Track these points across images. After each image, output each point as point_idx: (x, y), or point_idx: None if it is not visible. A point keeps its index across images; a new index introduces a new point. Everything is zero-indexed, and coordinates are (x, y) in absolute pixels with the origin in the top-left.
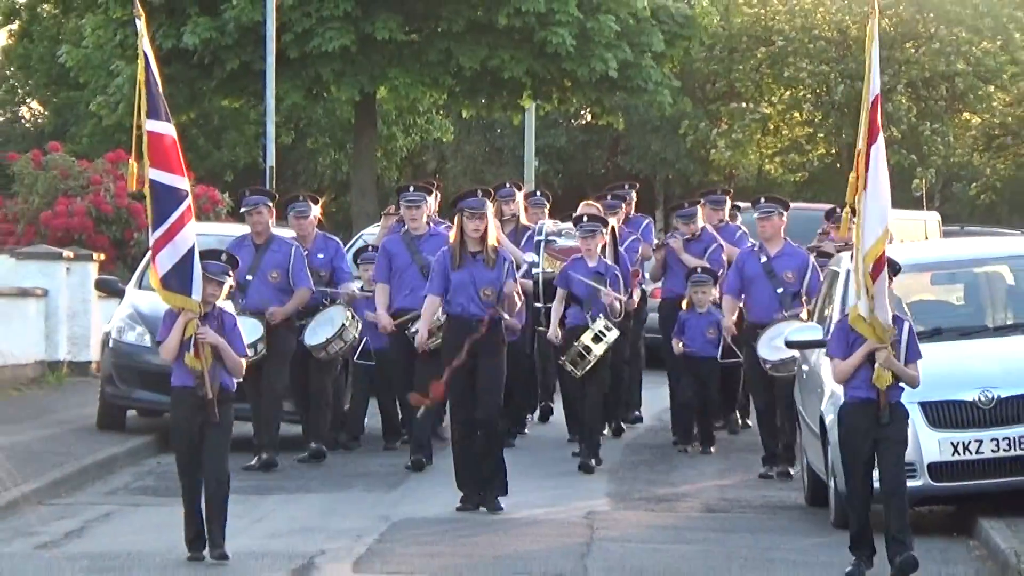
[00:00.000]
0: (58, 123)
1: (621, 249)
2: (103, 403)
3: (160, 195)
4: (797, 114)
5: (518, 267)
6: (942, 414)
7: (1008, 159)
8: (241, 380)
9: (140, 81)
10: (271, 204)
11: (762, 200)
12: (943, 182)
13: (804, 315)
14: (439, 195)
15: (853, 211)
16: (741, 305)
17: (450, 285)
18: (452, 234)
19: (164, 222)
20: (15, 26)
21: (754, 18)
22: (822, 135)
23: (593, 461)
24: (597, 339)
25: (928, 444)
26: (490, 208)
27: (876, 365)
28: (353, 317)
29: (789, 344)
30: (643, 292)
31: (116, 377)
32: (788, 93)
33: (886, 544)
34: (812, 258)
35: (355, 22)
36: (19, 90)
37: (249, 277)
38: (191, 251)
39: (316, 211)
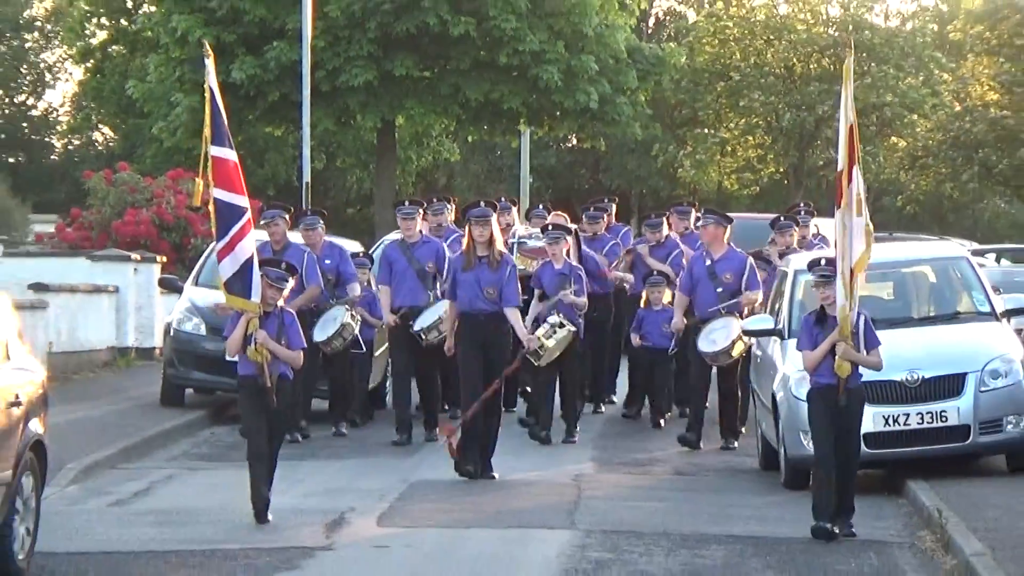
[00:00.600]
0: (126, 146)
1: (590, 251)
2: (165, 383)
3: (223, 212)
4: (751, 138)
5: None
6: (875, 392)
7: (929, 177)
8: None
9: (207, 112)
10: (287, 216)
11: (703, 212)
12: (875, 196)
13: (743, 300)
14: (455, 208)
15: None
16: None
17: (458, 287)
18: (464, 240)
19: (226, 234)
20: (90, 64)
21: (714, 56)
22: (772, 156)
23: (566, 435)
24: (549, 335)
25: (864, 417)
26: (494, 217)
27: (837, 356)
28: (353, 316)
29: (746, 332)
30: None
31: (176, 361)
32: (743, 120)
33: (838, 507)
34: (750, 260)
35: (377, 61)
36: (93, 118)
37: None
38: (250, 260)
39: (322, 224)
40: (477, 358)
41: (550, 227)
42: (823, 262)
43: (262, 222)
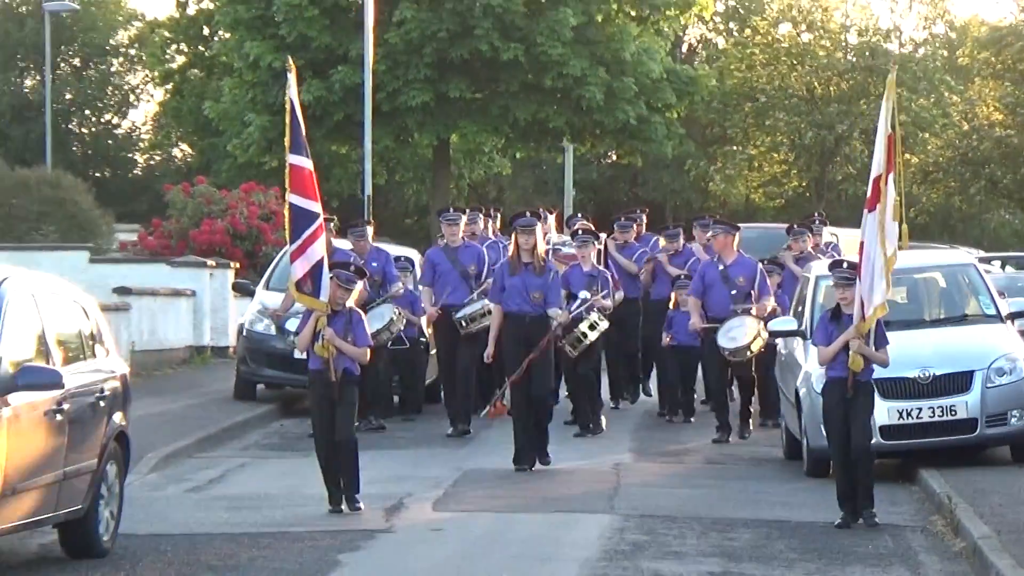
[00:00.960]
0: (203, 161)
1: (619, 256)
2: (238, 379)
3: (297, 216)
4: (775, 155)
5: None
6: (890, 388)
7: (939, 190)
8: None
9: (287, 123)
10: (333, 228)
11: (713, 223)
12: None
13: (755, 311)
14: (499, 217)
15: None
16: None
17: (506, 290)
18: (511, 247)
19: (299, 237)
20: (170, 86)
21: (742, 80)
22: (795, 171)
23: (591, 426)
24: (592, 327)
25: (879, 411)
26: (539, 226)
27: (851, 351)
28: (399, 313)
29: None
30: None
31: (248, 358)
32: (768, 138)
33: (858, 498)
34: (760, 266)
35: (433, 84)
36: (172, 135)
37: None
38: (320, 262)
39: (370, 231)
40: (521, 356)
41: (579, 232)
42: (845, 265)
43: (349, 237)
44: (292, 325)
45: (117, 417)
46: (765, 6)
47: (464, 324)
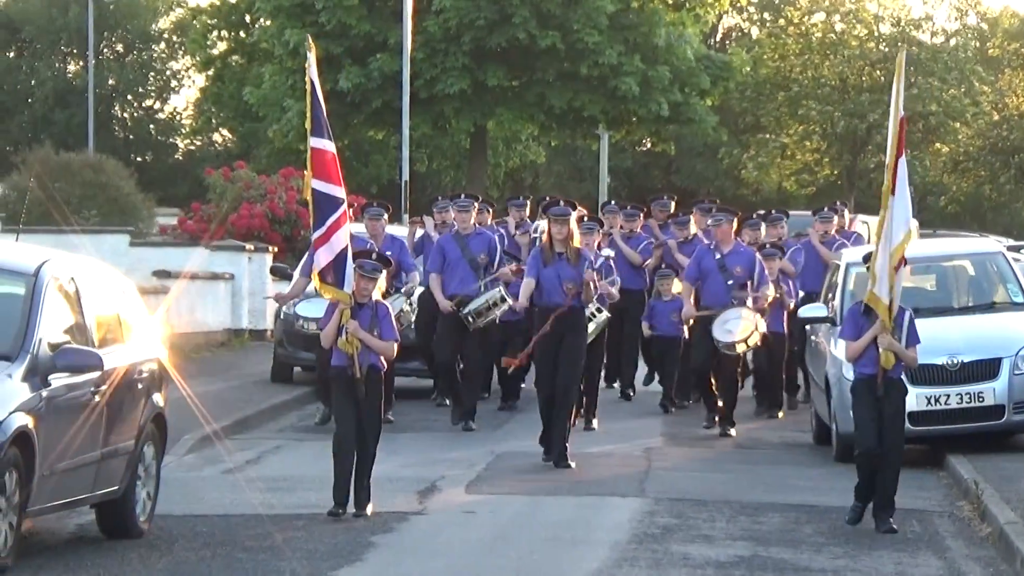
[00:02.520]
0: (243, 146)
1: (623, 245)
2: (275, 361)
3: (320, 202)
4: (808, 143)
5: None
6: (919, 374)
7: (969, 179)
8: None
9: (308, 104)
10: (386, 217)
11: (714, 209)
12: (920, 197)
13: (750, 302)
14: (529, 205)
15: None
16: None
17: (540, 281)
18: (543, 236)
19: (323, 225)
20: (211, 72)
21: (775, 69)
22: (827, 160)
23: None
24: (591, 317)
25: (908, 397)
26: (573, 215)
27: (880, 348)
28: (411, 304)
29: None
30: None
31: (285, 341)
32: (801, 127)
33: (875, 501)
34: (758, 255)
35: (471, 71)
36: (213, 121)
37: None
38: (345, 251)
39: (386, 216)
40: (552, 349)
41: (584, 218)
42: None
43: (366, 218)
44: (303, 309)
45: (155, 399)
46: None
47: (472, 320)
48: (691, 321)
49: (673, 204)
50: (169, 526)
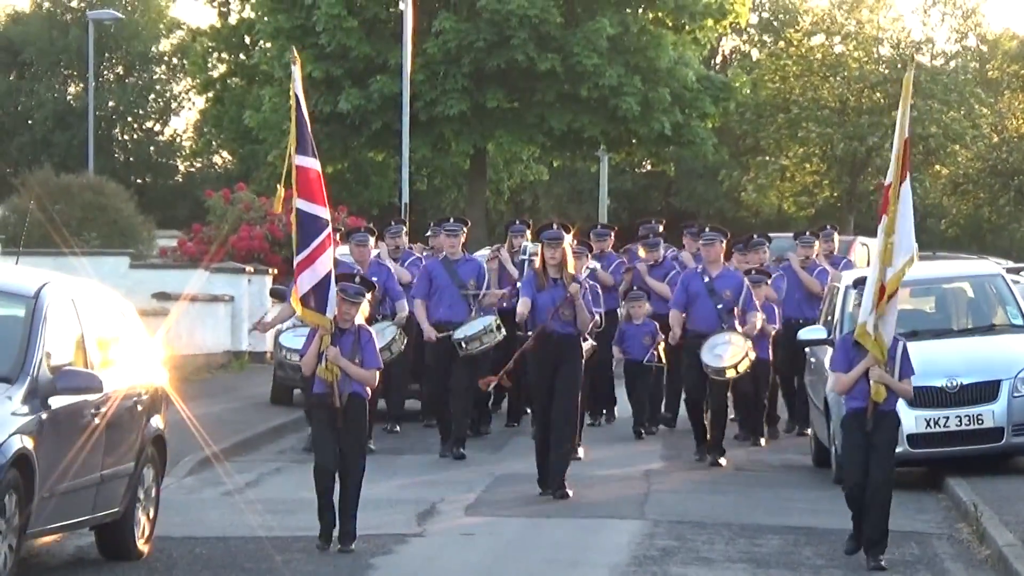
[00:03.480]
0: (243, 168)
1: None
2: (275, 384)
3: (304, 223)
4: (808, 165)
5: None
6: (918, 396)
7: (969, 201)
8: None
9: (292, 120)
10: (372, 242)
11: (707, 230)
12: (920, 218)
13: (738, 327)
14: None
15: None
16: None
17: (533, 307)
18: (537, 261)
19: (307, 247)
20: (211, 94)
21: (776, 91)
22: (827, 182)
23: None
24: None
25: (907, 419)
26: (567, 239)
27: (871, 380)
28: (401, 332)
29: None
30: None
31: (285, 364)
32: (801, 149)
33: (864, 537)
34: (746, 280)
35: (470, 93)
36: (213, 143)
37: None
38: (328, 274)
39: (372, 241)
40: (547, 377)
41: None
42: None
43: (352, 243)
44: (287, 340)
45: (155, 421)
46: (799, 18)
47: (463, 346)
48: (669, 346)
49: (661, 227)
50: (168, 548)
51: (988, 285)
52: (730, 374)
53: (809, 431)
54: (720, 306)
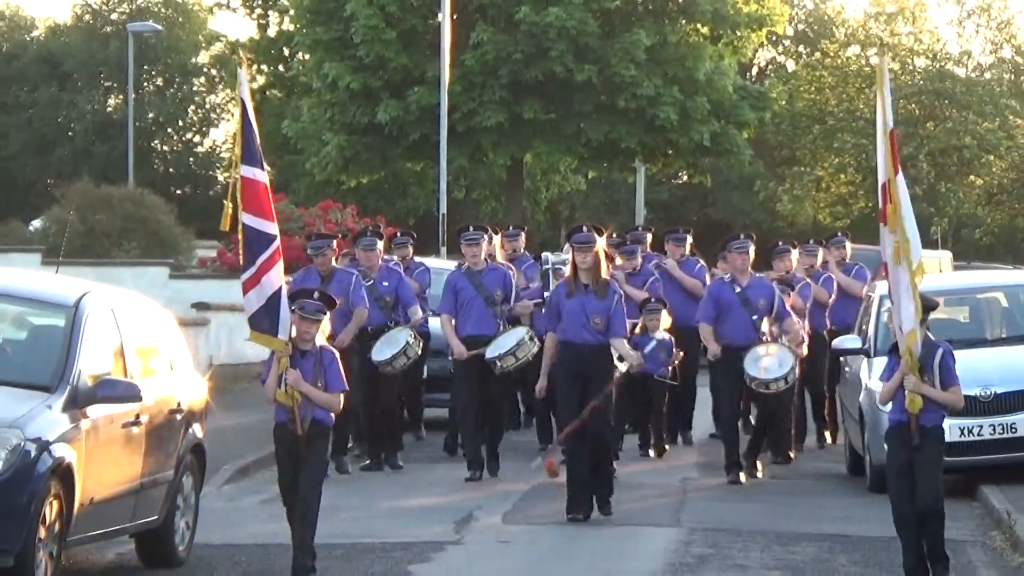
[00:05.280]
0: (281, 179)
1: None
2: None
3: (251, 238)
4: (843, 176)
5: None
6: None
7: (1004, 212)
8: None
9: (238, 128)
10: (334, 246)
11: (741, 236)
12: (954, 229)
13: (767, 335)
14: (523, 236)
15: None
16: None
17: (562, 315)
18: (567, 268)
19: (253, 264)
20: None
21: (811, 102)
22: (862, 192)
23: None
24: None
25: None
26: (600, 243)
27: (906, 391)
28: (415, 336)
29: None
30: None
31: None
32: (836, 160)
33: (928, 552)
34: (777, 289)
35: (508, 105)
36: None
37: None
38: (278, 292)
39: (380, 245)
40: (576, 391)
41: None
42: None
43: (308, 252)
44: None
45: (194, 430)
46: (834, 30)
47: (497, 364)
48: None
49: (690, 237)
50: (208, 555)
51: (1022, 295)
52: (776, 387)
53: (841, 440)
54: (755, 316)
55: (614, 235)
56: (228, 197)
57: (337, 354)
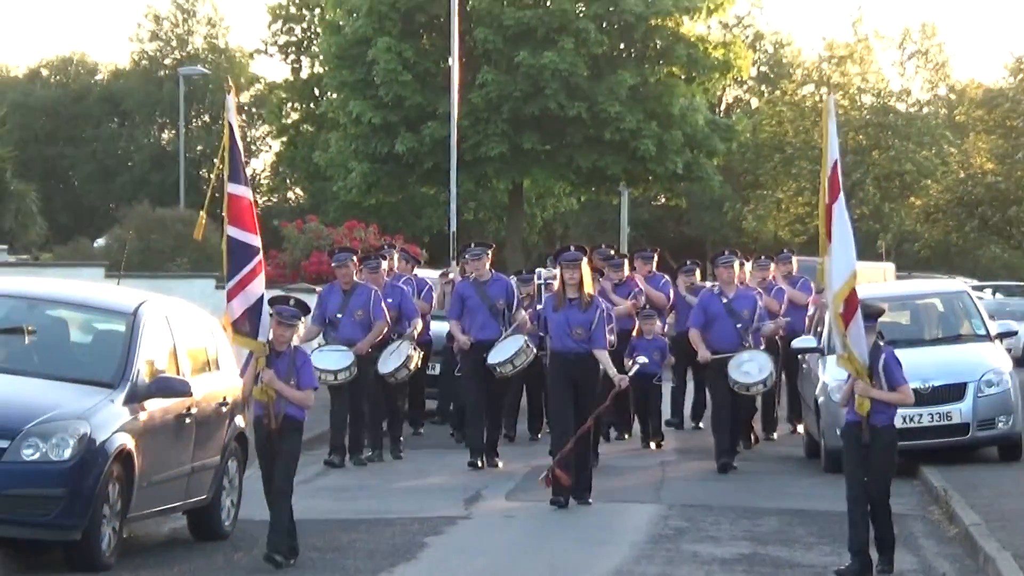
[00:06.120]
0: (313, 202)
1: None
2: None
3: (235, 250)
4: (800, 198)
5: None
6: None
7: (940, 228)
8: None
9: (224, 147)
10: (356, 259)
11: (725, 252)
12: (897, 243)
13: (767, 330)
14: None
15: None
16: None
17: (549, 326)
18: (556, 282)
19: (238, 274)
20: (285, 139)
21: (772, 134)
22: (817, 212)
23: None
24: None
25: None
26: (584, 261)
27: (855, 394)
28: (416, 349)
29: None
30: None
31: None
32: (794, 184)
33: (876, 539)
34: (759, 297)
35: (509, 137)
36: (287, 180)
37: (339, 315)
38: (260, 300)
39: (384, 265)
40: (567, 395)
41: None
42: None
43: (332, 265)
44: (316, 360)
45: (238, 420)
46: (792, 71)
47: (497, 370)
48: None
49: (656, 256)
50: (250, 530)
51: (956, 301)
52: (756, 389)
53: (802, 427)
54: (740, 325)
55: (603, 246)
56: (205, 208)
57: (309, 355)
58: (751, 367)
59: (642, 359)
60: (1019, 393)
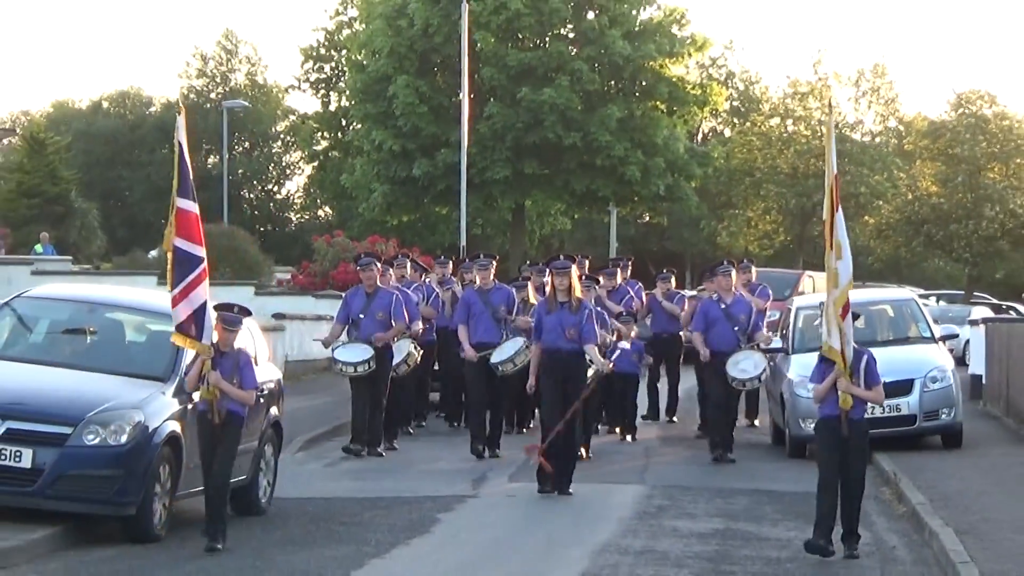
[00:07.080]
0: (340, 219)
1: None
2: None
3: (181, 260)
4: (768, 216)
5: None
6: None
7: (890, 244)
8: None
9: (175, 164)
10: (379, 264)
11: (724, 262)
12: (853, 257)
13: (759, 341)
14: (452, 264)
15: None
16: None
17: (543, 327)
18: (548, 288)
19: (182, 281)
20: (316, 163)
21: (743, 160)
22: (782, 229)
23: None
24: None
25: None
26: (574, 268)
27: (839, 391)
28: (417, 348)
29: (765, 351)
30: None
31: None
32: (762, 204)
33: (842, 534)
34: (753, 303)
35: (512, 163)
36: (318, 200)
37: (362, 316)
38: (203, 306)
39: (378, 266)
40: (557, 390)
41: (583, 276)
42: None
43: (357, 268)
44: (340, 354)
45: (274, 410)
46: (760, 105)
47: (499, 369)
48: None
49: (631, 265)
50: (284, 506)
51: (905, 307)
52: (754, 384)
53: (763, 420)
54: (736, 328)
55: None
56: (169, 224)
57: (251, 357)
58: (747, 365)
59: (624, 344)
60: (960, 388)
